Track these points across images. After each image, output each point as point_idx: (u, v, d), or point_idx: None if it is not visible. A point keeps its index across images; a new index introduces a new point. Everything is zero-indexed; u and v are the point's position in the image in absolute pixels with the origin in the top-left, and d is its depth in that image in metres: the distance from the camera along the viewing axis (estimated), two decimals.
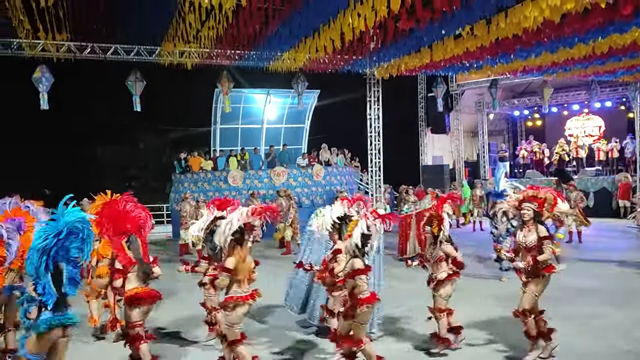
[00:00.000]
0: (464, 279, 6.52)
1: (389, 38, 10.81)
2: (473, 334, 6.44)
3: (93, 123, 25.16)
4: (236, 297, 5.04)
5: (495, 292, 8.56)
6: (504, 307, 6.98)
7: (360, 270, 4.98)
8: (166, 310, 7.74)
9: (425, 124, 25.45)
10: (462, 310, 6.38)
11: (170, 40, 11.28)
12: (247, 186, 17.67)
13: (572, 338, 6.13)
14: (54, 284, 4.32)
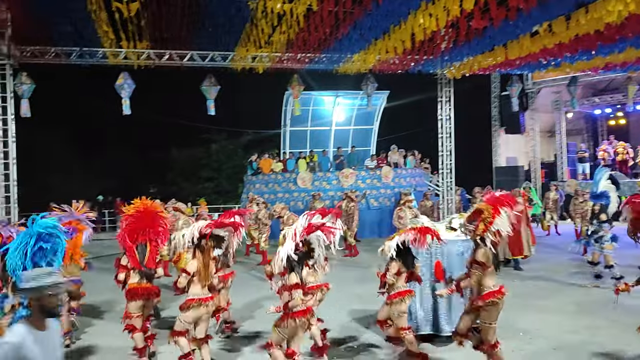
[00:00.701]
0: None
1: (461, 37, 10.59)
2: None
3: (169, 127, 26.31)
4: (195, 299, 5.58)
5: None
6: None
7: (295, 285, 5.09)
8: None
9: (499, 124, 24.65)
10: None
11: (243, 46, 11.57)
12: (316, 188, 17.80)
13: None
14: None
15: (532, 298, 8.45)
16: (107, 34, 10.46)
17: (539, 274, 10.28)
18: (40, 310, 2.94)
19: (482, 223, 5.16)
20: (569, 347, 6.22)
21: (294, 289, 5.09)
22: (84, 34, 11.09)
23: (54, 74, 13.36)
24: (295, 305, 5.07)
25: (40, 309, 2.94)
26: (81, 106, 23.62)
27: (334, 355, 6.20)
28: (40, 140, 22.51)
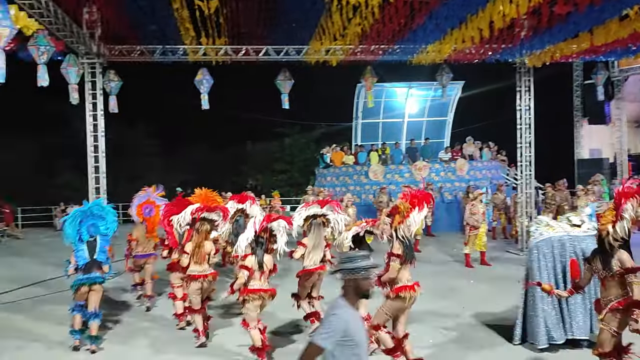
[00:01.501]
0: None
1: (542, 24, 10.15)
2: None
3: (245, 122, 27.03)
4: (192, 275, 6.64)
5: None
6: None
7: (243, 266, 5.93)
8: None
9: (582, 114, 23.44)
10: None
11: (317, 39, 11.66)
12: (388, 180, 17.74)
13: None
14: (90, 252, 6.57)
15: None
16: (188, 31, 10.89)
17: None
18: (355, 291, 3.17)
19: (397, 217, 5.46)
20: None
21: (241, 269, 5.92)
22: (167, 32, 11.59)
23: (139, 72, 14.03)
24: (239, 285, 5.88)
25: (355, 290, 3.17)
26: (163, 102, 24.73)
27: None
28: (125, 135, 23.79)
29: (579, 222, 6.33)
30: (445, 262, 12.22)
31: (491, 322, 7.34)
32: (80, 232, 6.62)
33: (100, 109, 12.19)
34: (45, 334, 7.29)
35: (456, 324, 7.36)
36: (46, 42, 9.75)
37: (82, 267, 6.54)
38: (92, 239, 6.67)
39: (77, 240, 6.60)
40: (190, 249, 6.67)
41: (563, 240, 6.22)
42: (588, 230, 6.14)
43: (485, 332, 7.03)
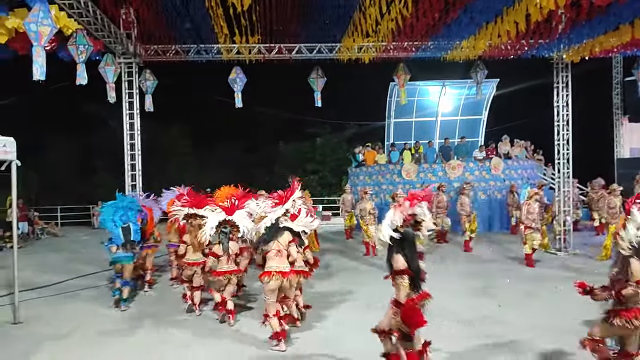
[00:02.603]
0: None
1: (582, 16, 9.88)
2: None
3: (278, 121, 27.14)
4: (188, 263, 8.13)
5: None
6: None
7: (212, 253, 7.50)
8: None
9: (622, 112, 22.75)
10: None
11: (350, 36, 11.62)
12: (421, 179, 17.54)
13: None
14: (125, 235, 8.43)
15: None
16: (222, 29, 11.00)
17: None
18: None
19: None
20: None
21: (210, 255, 7.44)
22: (201, 32, 11.75)
23: (174, 71, 14.26)
24: (212, 267, 7.42)
25: None
26: (196, 101, 25.04)
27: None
28: (159, 135, 24.15)
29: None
30: (487, 260, 12.05)
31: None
32: (114, 220, 8.50)
33: (136, 108, 12.42)
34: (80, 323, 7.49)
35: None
36: (85, 41, 9.99)
37: (119, 245, 8.42)
38: (125, 225, 8.50)
39: (112, 226, 8.47)
40: (187, 239, 8.22)
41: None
42: None
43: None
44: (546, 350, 6.03)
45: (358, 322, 7.18)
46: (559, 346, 6.14)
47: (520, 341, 6.41)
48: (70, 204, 22.27)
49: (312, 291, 9.39)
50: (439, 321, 7.19)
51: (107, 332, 7.19)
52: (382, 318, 5.03)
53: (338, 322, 7.39)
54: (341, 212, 16.81)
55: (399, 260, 4.77)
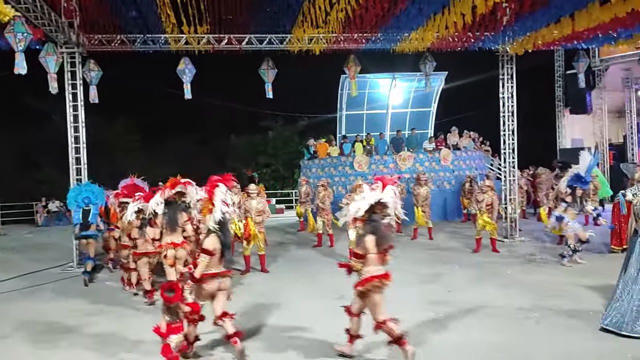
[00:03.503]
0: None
1: (525, 8, 10.18)
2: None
3: (228, 113, 26.80)
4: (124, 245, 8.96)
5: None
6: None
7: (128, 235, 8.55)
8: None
9: (563, 104, 23.69)
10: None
11: (300, 27, 11.57)
12: (373, 171, 17.71)
13: None
14: (84, 216, 9.90)
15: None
16: (169, 18, 10.73)
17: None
18: None
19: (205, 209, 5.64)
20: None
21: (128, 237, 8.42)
22: (147, 21, 11.42)
23: (119, 61, 13.82)
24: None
25: None
26: (144, 93, 24.40)
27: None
28: (105, 128, 23.44)
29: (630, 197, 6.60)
30: (439, 249, 12.29)
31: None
32: (77, 202, 10.01)
33: (80, 100, 11.95)
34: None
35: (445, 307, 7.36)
36: (24, 29, 9.53)
37: (78, 225, 9.89)
38: (87, 207, 9.89)
39: (75, 207, 10.04)
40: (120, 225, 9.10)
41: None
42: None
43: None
44: (492, 330, 6.20)
45: (313, 311, 7.22)
46: (504, 327, 6.33)
47: (469, 323, 6.57)
48: (13, 201, 21.35)
49: (264, 284, 9.36)
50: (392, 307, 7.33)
51: (54, 330, 6.92)
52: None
53: (291, 312, 7.37)
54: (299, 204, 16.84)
55: (369, 242, 5.11)
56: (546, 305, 7.16)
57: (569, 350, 5.51)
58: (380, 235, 5.17)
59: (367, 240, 5.13)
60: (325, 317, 6.82)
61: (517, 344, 5.78)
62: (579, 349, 5.53)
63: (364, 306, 5.31)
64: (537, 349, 5.59)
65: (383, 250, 5.20)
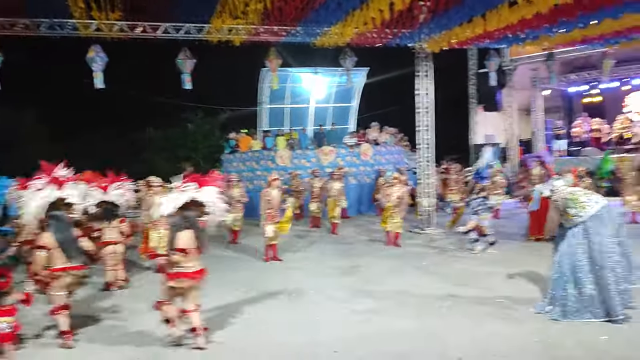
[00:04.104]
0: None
1: (440, 7, 10.47)
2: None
3: (146, 104, 25.77)
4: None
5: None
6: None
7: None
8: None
9: (477, 101, 24.74)
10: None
11: (219, 17, 11.25)
12: (295, 166, 17.72)
13: None
14: (3, 211, 8.30)
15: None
16: (76, 2, 10.08)
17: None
18: None
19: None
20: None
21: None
22: (55, 4, 10.67)
23: (24, 47, 12.89)
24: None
25: None
26: (52, 80, 22.97)
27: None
28: (9, 116, 21.88)
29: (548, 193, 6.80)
30: (356, 242, 12.44)
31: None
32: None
33: None
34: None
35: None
36: None
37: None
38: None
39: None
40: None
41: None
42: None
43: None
44: (408, 317, 6.33)
45: (225, 309, 7.07)
46: (421, 315, 6.48)
47: (386, 312, 6.68)
48: None
49: None
50: (308, 299, 7.33)
51: None
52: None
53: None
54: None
55: (182, 238, 5.44)
56: (459, 293, 7.41)
57: (479, 335, 5.72)
58: (193, 232, 5.52)
59: (181, 236, 5.45)
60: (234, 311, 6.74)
61: (432, 330, 5.93)
62: (488, 334, 5.75)
63: (175, 296, 5.68)
64: (451, 334, 5.76)
65: (198, 247, 5.60)
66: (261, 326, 6.29)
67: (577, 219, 6.14)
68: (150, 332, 6.11)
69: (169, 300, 5.68)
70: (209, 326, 6.27)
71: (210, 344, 5.68)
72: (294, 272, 9.32)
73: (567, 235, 6.30)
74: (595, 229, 6.05)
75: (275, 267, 9.81)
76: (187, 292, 5.61)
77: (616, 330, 5.67)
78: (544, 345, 5.37)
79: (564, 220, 6.40)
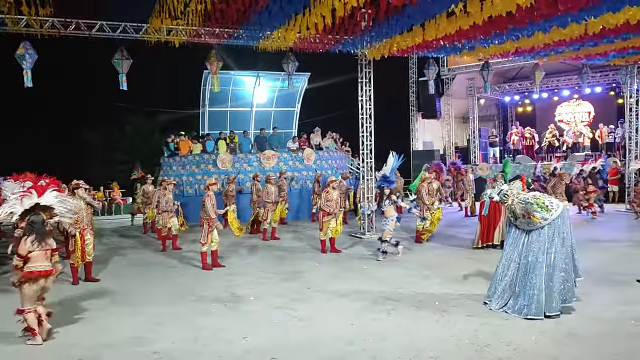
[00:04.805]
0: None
1: (381, 15, 10.61)
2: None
3: (79, 104, 24.80)
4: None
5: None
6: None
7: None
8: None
9: (417, 109, 25.39)
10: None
11: (157, 17, 10.96)
12: (237, 170, 17.55)
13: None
14: None
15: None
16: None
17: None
18: None
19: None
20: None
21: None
22: None
23: None
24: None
25: None
26: None
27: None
28: None
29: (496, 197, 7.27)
30: (297, 247, 12.39)
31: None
32: None
33: None
34: None
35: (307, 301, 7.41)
36: None
37: None
38: None
39: None
40: None
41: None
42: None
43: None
44: (347, 323, 6.36)
45: (161, 317, 6.87)
46: (359, 320, 6.52)
47: (326, 317, 6.67)
48: None
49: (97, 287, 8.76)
50: (247, 306, 7.23)
51: None
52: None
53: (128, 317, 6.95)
54: (140, 205, 16.08)
55: (28, 242, 5.84)
56: (398, 297, 7.52)
57: (415, 338, 5.80)
58: (38, 235, 5.89)
59: (27, 240, 5.86)
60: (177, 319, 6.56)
61: (371, 334, 5.96)
62: (424, 336, 5.85)
63: (31, 295, 5.88)
64: (389, 337, 5.82)
65: (48, 248, 5.98)
66: (198, 334, 6.15)
67: (544, 221, 6.48)
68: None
69: (30, 307, 5.85)
70: (143, 335, 6.09)
71: (145, 354, 5.50)
72: (234, 278, 9.18)
73: (522, 237, 6.66)
74: (559, 230, 6.45)
75: (215, 274, 9.62)
76: (41, 293, 5.95)
77: (546, 330, 5.90)
78: (475, 346, 5.52)
79: (523, 224, 6.67)
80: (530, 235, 6.55)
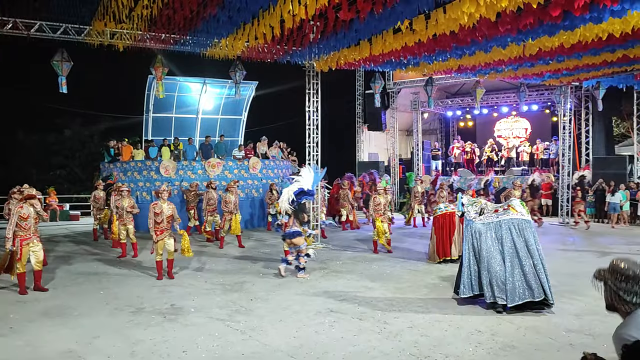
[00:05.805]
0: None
1: (329, 29, 10.73)
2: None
3: (16, 105, 23.70)
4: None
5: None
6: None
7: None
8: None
9: (363, 120, 25.75)
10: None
11: (101, 19, 10.66)
12: (180, 177, 17.22)
13: None
14: None
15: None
16: None
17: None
18: None
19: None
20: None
21: None
22: None
23: None
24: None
25: None
26: None
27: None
28: None
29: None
30: (244, 257, 12.25)
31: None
32: None
33: None
34: None
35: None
36: None
37: None
38: None
39: None
40: None
41: None
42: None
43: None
44: (290, 336, 6.34)
45: (100, 330, 6.64)
46: (302, 332, 6.51)
47: (267, 329, 6.63)
48: None
49: (49, 300, 8.39)
50: (187, 318, 7.08)
51: None
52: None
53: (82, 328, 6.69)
54: (92, 211, 15.50)
55: None
56: (340, 308, 7.56)
57: (356, 350, 5.85)
58: None
59: None
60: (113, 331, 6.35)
61: (311, 347, 5.97)
62: (365, 348, 5.91)
63: None
64: (329, 350, 5.84)
65: None
66: (135, 348, 5.97)
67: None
68: None
69: None
70: (76, 349, 5.87)
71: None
72: (176, 289, 8.97)
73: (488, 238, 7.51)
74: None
75: (158, 285, 9.37)
76: None
77: (483, 342, 6.09)
78: (416, 358, 5.62)
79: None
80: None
